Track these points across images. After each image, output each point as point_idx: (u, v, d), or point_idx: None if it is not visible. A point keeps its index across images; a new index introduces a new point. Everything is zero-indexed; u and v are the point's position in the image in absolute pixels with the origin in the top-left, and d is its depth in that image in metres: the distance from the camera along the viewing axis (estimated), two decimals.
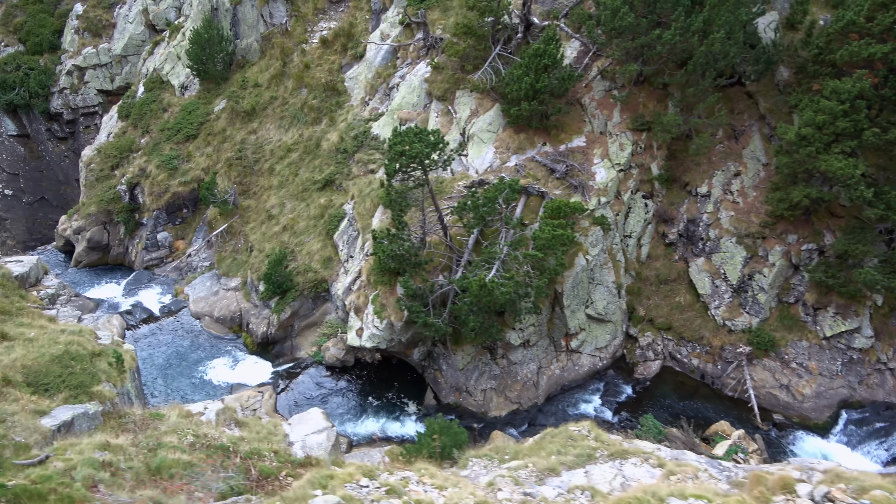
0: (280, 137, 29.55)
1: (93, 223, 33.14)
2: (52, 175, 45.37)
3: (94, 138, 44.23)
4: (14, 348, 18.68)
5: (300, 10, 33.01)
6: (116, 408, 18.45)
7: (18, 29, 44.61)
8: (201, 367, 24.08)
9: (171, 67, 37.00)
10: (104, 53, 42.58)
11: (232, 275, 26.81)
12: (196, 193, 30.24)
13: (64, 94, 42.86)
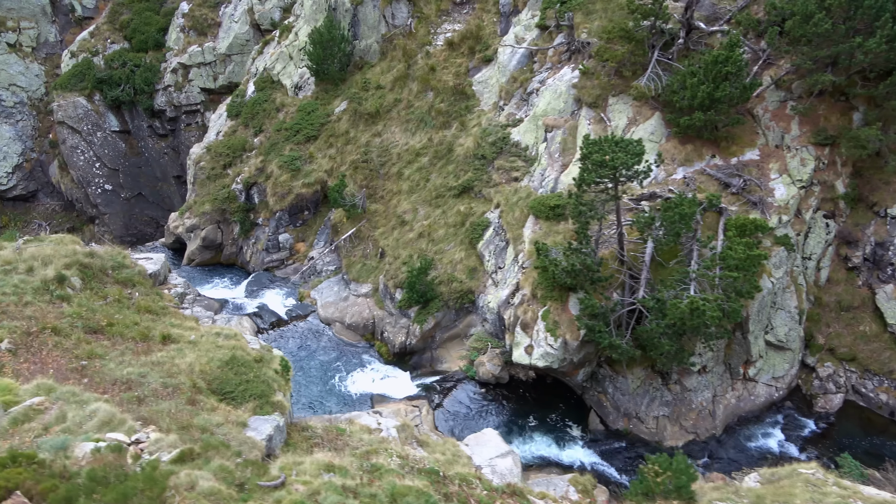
0: (407, 141, 28.79)
1: (207, 222, 32.91)
2: (149, 171, 45.68)
3: (194, 136, 44.40)
4: (183, 352, 18.13)
5: (423, 12, 32.28)
6: (292, 419, 17.71)
7: (124, 26, 45.08)
8: (336, 376, 23.35)
9: (282, 67, 36.71)
10: (209, 52, 42.67)
11: (362, 280, 26.07)
12: (318, 195, 29.68)
13: (168, 92, 43.07)
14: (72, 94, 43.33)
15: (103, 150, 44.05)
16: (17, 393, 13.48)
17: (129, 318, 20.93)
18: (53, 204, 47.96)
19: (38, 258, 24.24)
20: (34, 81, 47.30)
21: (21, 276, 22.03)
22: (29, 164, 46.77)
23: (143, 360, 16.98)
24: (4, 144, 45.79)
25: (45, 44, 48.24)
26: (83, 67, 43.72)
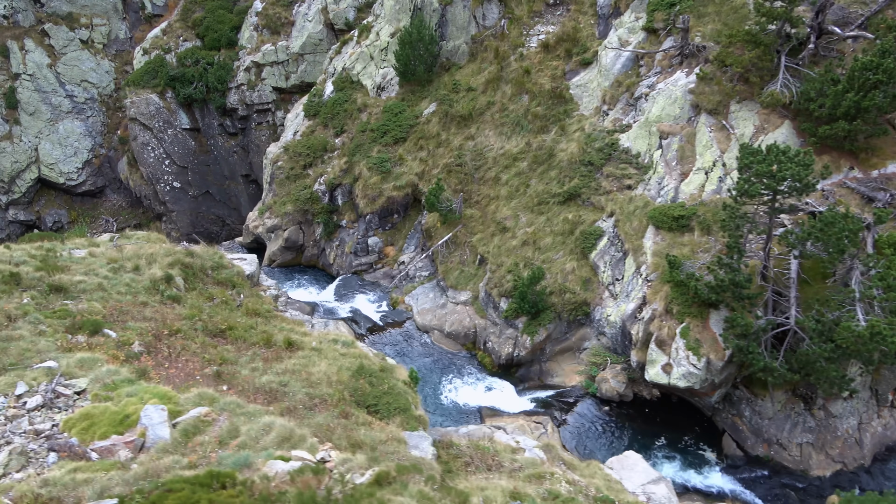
0: (502, 145, 28.01)
1: (289, 222, 32.49)
2: (218, 170, 45.57)
3: (265, 135, 44.17)
4: (312, 360, 17.53)
5: (514, 13, 31.51)
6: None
7: (197, 24, 45.05)
8: (440, 386, 22.64)
9: (362, 67, 36.22)
10: (282, 51, 42.41)
11: (460, 288, 25.33)
12: (409, 199, 29.03)
13: (241, 90, 42.89)
14: (144, 90, 43.38)
15: (173, 148, 44.03)
16: (177, 402, 12.92)
17: (244, 321, 20.43)
18: (120, 200, 48.14)
19: (140, 257, 23.89)
20: (104, 78, 47.56)
21: (130, 275, 21.65)
22: (98, 160, 47.00)
23: (277, 368, 16.40)
24: (75, 140, 46.05)
25: (116, 40, 48.51)
26: (156, 64, 43.76)
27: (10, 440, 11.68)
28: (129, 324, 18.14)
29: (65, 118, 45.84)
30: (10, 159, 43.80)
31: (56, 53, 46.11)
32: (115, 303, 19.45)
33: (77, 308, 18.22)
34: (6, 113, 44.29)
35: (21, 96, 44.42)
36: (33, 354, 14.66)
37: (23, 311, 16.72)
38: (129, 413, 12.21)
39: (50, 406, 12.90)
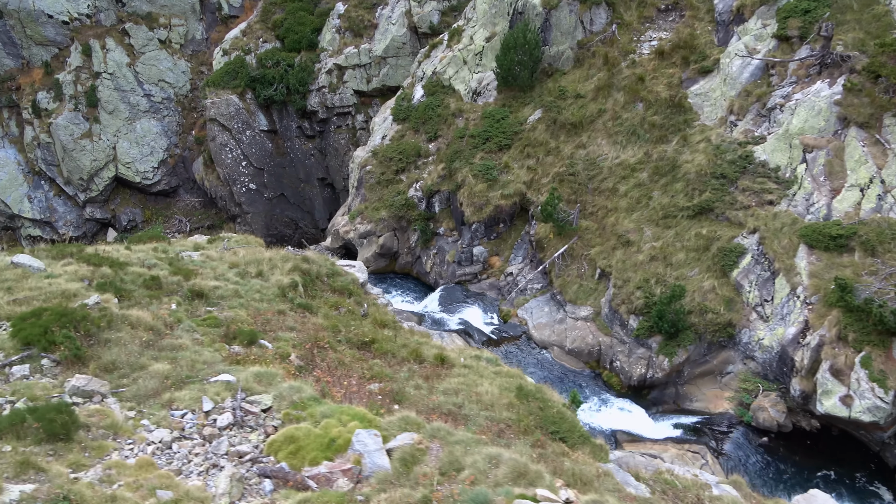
0: (617, 154, 26.93)
1: (384, 228, 31.75)
2: (293, 172, 45.17)
3: (344, 138, 43.66)
4: (473, 379, 16.61)
5: (623, 18, 30.45)
6: None
7: (277, 26, 44.77)
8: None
9: (454, 72, 35.44)
10: (364, 54, 41.88)
11: (580, 303, 24.26)
12: (515, 208, 28.07)
13: (322, 93, 42.44)
14: (224, 91, 43.15)
15: (251, 149, 43.72)
16: (378, 425, 12.05)
17: (382, 333, 19.61)
18: (193, 200, 48.01)
19: (260, 262, 23.24)
20: (181, 78, 47.55)
21: (256, 281, 21.01)
22: (173, 160, 46.94)
23: (443, 387, 15.51)
24: (151, 139, 46.04)
25: (192, 41, 48.51)
26: (236, 65, 43.52)
27: (216, 463, 10.90)
28: (279, 334, 17.40)
29: (142, 117, 45.87)
30: (90, 157, 43.88)
31: (135, 53, 46.22)
32: (255, 311, 18.77)
33: (223, 316, 17.55)
34: (87, 111, 44.42)
35: (101, 95, 44.54)
36: (202, 366, 13.94)
37: (175, 318, 16.06)
38: (333, 437, 11.37)
39: (241, 425, 12.14)
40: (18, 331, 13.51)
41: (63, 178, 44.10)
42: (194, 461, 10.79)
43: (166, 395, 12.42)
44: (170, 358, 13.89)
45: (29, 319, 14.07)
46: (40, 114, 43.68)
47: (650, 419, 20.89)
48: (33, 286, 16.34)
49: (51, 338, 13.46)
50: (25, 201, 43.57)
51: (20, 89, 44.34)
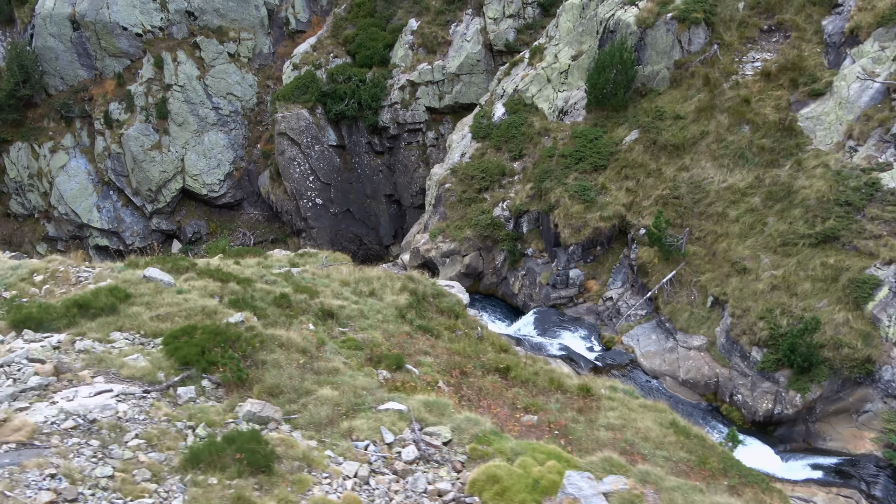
0: (724, 178, 26.00)
1: (469, 248, 31.04)
2: (360, 188, 44.80)
3: (414, 155, 43.27)
4: (623, 411, 15.67)
5: (723, 39, 29.66)
6: None
7: (348, 41, 44.69)
8: None
9: (537, 90, 34.86)
10: (438, 70, 41.55)
11: (692, 331, 23.25)
12: (613, 230, 27.21)
13: (394, 109, 42.13)
14: (295, 105, 43.06)
15: (319, 164, 43.48)
16: (580, 466, 11.23)
17: (512, 358, 18.78)
18: (257, 214, 47.87)
19: (369, 280, 22.64)
20: (248, 91, 47.69)
21: (373, 301, 20.39)
22: (238, 173, 46.91)
23: (603, 421, 14.59)
24: (218, 152, 46.09)
25: (260, 55, 48.70)
26: (306, 80, 43.46)
27: (418, 501, 10.19)
28: (418, 359, 16.68)
29: (210, 130, 45.98)
30: (159, 168, 43.99)
31: (205, 66, 46.46)
32: (384, 333, 18.11)
33: (361, 338, 16.90)
34: (157, 123, 44.63)
35: (172, 107, 44.74)
36: (362, 392, 13.26)
37: (319, 340, 15.42)
38: (535, 477, 10.57)
39: (426, 459, 11.40)
40: (174, 350, 12.91)
41: (132, 188, 44.23)
42: (395, 499, 10.10)
43: (343, 423, 11.74)
44: (329, 383, 13.23)
45: (181, 338, 13.47)
46: (112, 125, 43.95)
47: (778, 458, 19.75)
48: (170, 302, 15.82)
49: (210, 358, 12.85)
50: (94, 211, 43.72)
51: (92, 100, 44.72)
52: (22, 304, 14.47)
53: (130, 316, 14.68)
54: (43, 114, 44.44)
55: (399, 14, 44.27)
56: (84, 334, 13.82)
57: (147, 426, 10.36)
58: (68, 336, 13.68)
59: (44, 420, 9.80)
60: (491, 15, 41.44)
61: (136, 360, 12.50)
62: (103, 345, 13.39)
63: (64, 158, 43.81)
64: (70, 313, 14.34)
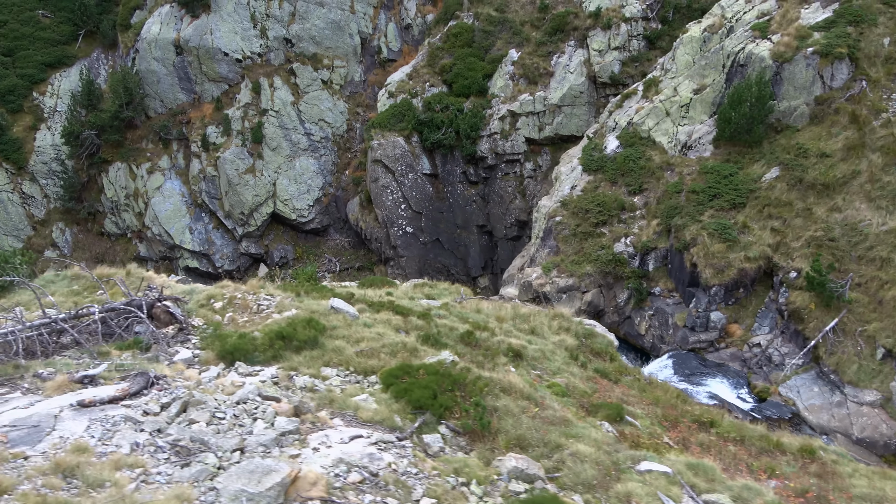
0: (883, 220, 24.41)
1: (590, 284, 29.81)
2: (450, 217, 44.05)
3: (511, 186, 42.46)
4: (864, 480, 14.08)
5: (869, 75, 28.29)
6: None
7: (445, 71, 44.42)
8: None
9: (654, 123, 33.81)
10: (539, 101, 40.88)
11: (863, 385, 21.51)
12: (759, 272, 25.72)
13: (493, 139, 41.50)
14: (391, 133, 42.75)
15: (412, 192, 42.92)
16: None
17: (712, 411, 17.32)
18: (343, 240, 47.45)
19: (525, 317, 21.58)
20: (339, 118, 47.69)
21: (538, 340, 19.21)
22: (326, 199, 46.67)
23: (857, 492, 13.06)
24: (309, 178, 45.97)
25: (351, 82, 48.81)
26: (402, 108, 43.19)
27: None
28: (631, 408, 15.40)
29: (301, 155, 45.98)
30: (252, 192, 43.97)
31: (300, 92, 46.69)
32: (569, 376, 16.91)
33: (563, 383, 15.73)
34: (251, 147, 44.78)
35: (266, 131, 44.90)
36: (605, 447, 12.06)
37: (528, 384, 14.30)
38: None
39: None
40: (402, 392, 11.94)
41: (224, 211, 44.24)
42: None
43: (617, 486, 10.54)
44: (569, 435, 12.07)
45: (402, 378, 12.52)
46: (208, 147, 44.23)
47: None
48: (366, 336, 14.93)
49: (443, 402, 11.84)
50: (187, 233, 43.77)
51: (190, 123, 45.17)
52: (224, 334, 13.72)
53: (335, 350, 13.80)
54: (142, 135, 45.00)
55: (498, 45, 43.94)
56: (296, 369, 12.96)
57: (425, 482, 9.33)
58: (282, 371, 12.81)
59: (324, 471, 8.82)
60: (595, 47, 40.79)
61: (366, 402, 11.54)
62: (321, 381, 12.50)
63: (160, 179, 44.13)
64: (275, 346, 13.52)
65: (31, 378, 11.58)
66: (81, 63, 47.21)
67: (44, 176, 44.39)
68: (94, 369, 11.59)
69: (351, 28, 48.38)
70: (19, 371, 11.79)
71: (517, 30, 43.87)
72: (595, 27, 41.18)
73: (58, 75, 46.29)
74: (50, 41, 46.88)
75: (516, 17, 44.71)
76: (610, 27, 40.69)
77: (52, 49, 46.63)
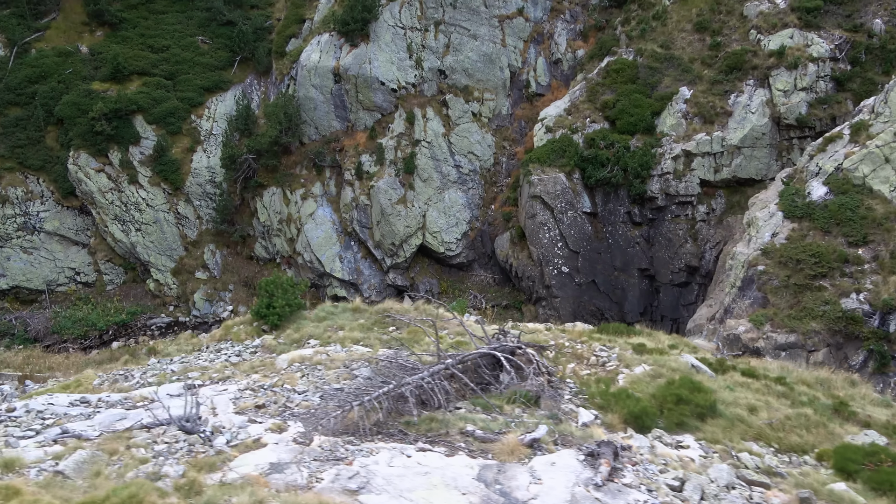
0: None
1: (819, 343, 27.12)
2: (608, 259, 41.99)
3: (681, 229, 40.22)
4: None
5: None
6: None
7: (606, 106, 42.92)
8: None
9: (870, 170, 31.17)
10: (717, 142, 38.75)
11: None
12: None
13: (665, 179, 39.51)
14: (551, 169, 41.33)
15: (570, 231, 41.15)
16: None
17: None
18: (487, 276, 45.95)
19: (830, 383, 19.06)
20: (486, 151, 46.69)
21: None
22: (473, 233, 45.41)
23: None
24: (457, 211, 44.86)
25: (498, 115, 47.89)
26: (563, 144, 41.79)
27: None
28: None
29: (450, 187, 45.03)
30: (403, 223, 43.11)
31: (451, 124, 46.00)
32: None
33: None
34: (403, 177, 44.08)
35: (419, 162, 44.22)
36: None
37: None
38: None
39: None
40: (888, 483, 9.77)
41: (374, 241, 43.46)
42: None
43: None
44: None
45: (866, 465, 10.40)
46: (362, 176, 43.75)
47: None
48: (749, 402, 12.92)
49: None
50: (337, 261, 43.10)
51: (343, 150, 44.91)
52: (626, 392, 11.98)
53: (739, 420, 11.84)
54: (296, 161, 44.97)
55: (666, 82, 42.25)
56: (717, 441, 11.07)
57: None
58: (705, 443, 10.93)
59: None
60: (780, 87, 38.59)
61: (847, 492, 9.47)
62: (758, 459, 10.50)
63: (313, 206, 43.80)
64: (676, 411, 11.68)
65: (459, 436, 10.04)
66: (236, 88, 47.89)
67: (198, 197, 44.71)
68: (535, 432, 9.98)
69: (501, 61, 47.70)
70: (441, 425, 10.28)
71: (686, 67, 42.15)
72: (778, 66, 39.05)
73: (214, 99, 46.98)
74: (208, 66, 47.79)
75: (683, 53, 43.04)
76: (796, 67, 38.48)
77: (209, 74, 47.47)
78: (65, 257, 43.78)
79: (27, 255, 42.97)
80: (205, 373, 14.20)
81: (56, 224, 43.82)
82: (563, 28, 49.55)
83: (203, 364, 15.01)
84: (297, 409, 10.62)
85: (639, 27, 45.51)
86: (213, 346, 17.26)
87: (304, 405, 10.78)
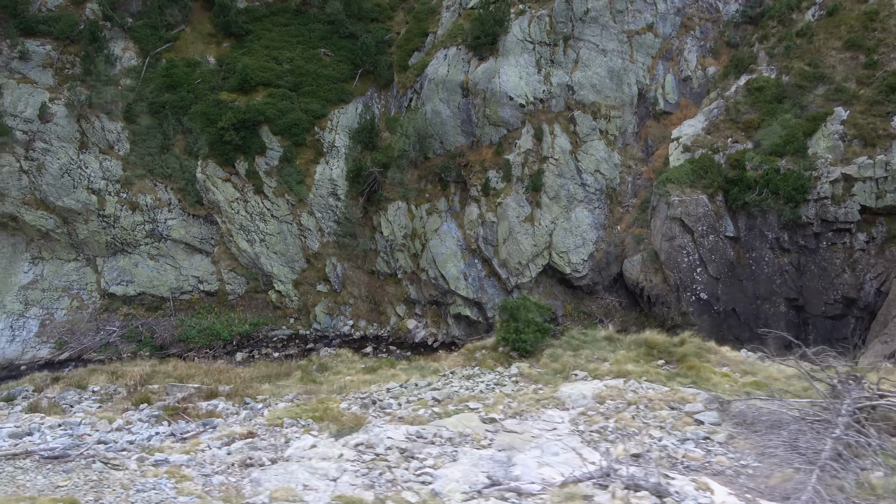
0: None
1: None
2: (750, 287, 39.60)
3: (839, 258, 37.69)
4: None
5: None
6: None
7: (750, 126, 40.84)
8: None
9: None
10: (880, 166, 36.23)
11: None
12: None
13: (821, 204, 37.11)
14: (692, 190, 39.40)
15: (710, 256, 39.02)
16: None
17: None
18: (612, 300, 44.05)
19: None
20: (612, 170, 45.02)
21: None
22: (599, 254, 43.66)
23: None
24: (584, 230, 43.27)
25: (624, 133, 46.21)
26: (703, 164, 39.83)
27: None
28: None
29: (577, 206, 43.49)
30: (531, 242, 41.76)
31: (578, 141, 44.59)
32: None
33: None
34: (530, 195, 42.83)
35: (546, 179, 42.90)
36: None
37: None
38: None
39: None
40: None
41: (499, 259, 42.19)
42: None
43: None
44: None
45: None
46: (489, 192, 42.66)
47: None
48: None
49: None
50: (462, 279, 41.98)
51: (468, 166, 43.96)
52: None
53: None
54: (421, 175, 44.23)
55: (817, 101, 39.94)
56: None
57: None
58: None
59: None
60: None
61: None
62: None
63: (437, 222, 42.90)
64: None
65: None
66: (357, 101, 47.59)
67: (320, 209, 44.36)
68: None
69: (629, 78, 46.14)
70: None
71: (839, 86, 39.77)
72: None
73: (336, 111, 46.74)
74: (330, 78, 47.66)
75: (835, 72, 40.66)
76: None
77: (332, 86, 47.32)
78: (189, 265, 43.90)
79: (154, 262, 43.25)
80: (486, 404, 12.97)
81: (182, 232, 44.04)
82: (693, 44, 47.74)
83: (466, 394, 13.83)
84: (691, 463, 9.21)
85: (781, 44, 43.36)
86: (461, 372, 16.11)
87: (694, 457, 9.38)
